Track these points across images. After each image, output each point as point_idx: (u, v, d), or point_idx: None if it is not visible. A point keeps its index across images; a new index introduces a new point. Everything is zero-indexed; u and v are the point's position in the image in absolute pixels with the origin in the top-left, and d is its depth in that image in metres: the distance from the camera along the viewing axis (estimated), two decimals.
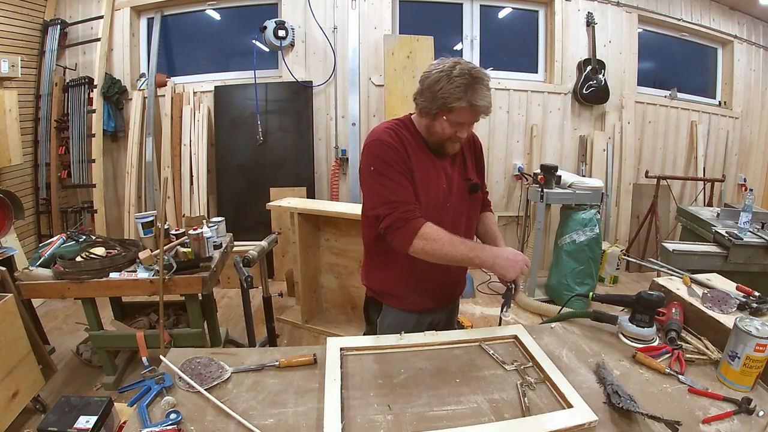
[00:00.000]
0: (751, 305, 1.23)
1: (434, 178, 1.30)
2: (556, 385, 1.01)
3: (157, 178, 3.88)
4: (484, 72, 1.18)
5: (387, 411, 0.94)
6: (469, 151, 1.43)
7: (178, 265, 2.02)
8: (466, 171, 1.39)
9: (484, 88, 1.17)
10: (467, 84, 1.14)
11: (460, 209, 1.37)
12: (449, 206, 1.33)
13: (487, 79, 1.18)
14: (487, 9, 4.13)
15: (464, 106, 1.16)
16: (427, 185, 1.28)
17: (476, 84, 1.15)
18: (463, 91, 1.14)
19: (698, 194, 4.40)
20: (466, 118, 1.20)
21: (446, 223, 1.30)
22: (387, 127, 1.29)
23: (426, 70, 1.23)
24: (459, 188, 1.36)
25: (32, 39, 3.70)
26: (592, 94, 4.04)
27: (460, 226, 1.37)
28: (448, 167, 1.34)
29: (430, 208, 1.29)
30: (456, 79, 1.14)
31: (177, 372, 1.03)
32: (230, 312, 3.26)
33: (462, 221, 1.38)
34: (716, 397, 0.99)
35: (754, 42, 4.60)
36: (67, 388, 2.31)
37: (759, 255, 2.42)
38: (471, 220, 1.42)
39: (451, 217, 1.34)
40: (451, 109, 1.17)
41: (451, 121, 1.20)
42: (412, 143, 1.28)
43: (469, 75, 1.14)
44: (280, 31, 3.67)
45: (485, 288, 3.79)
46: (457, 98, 1.14)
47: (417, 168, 1.27)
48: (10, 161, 3.24)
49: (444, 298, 1.47)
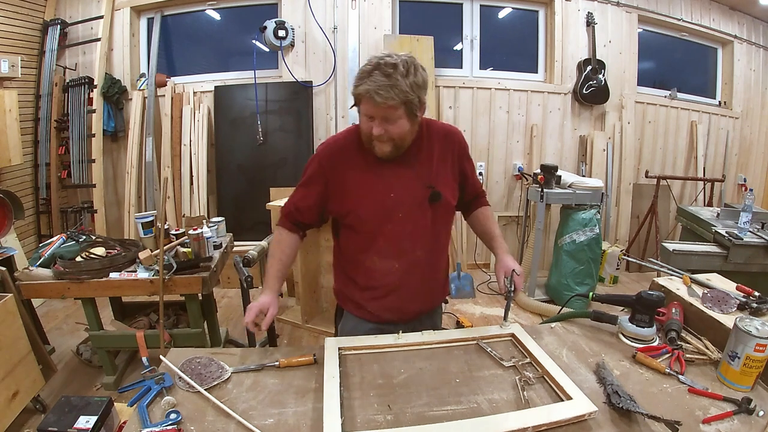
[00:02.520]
0: (751, 305, 1.23)
1: (378, 188, 1.22)
2: (554, 379, 1.01)
3: (157, 178, 3.88)
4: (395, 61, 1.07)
5: (387, 411, 0.94)
6: (443, 151, 1.29)
7: (178, 265, 2.02)
8: (432, 176, 1.26)
9: (381, 76, 1.06)
10: (368, 71, 1.08)
11: (419, 220, 1.25)
12: (402, 216, 1.23)
13: (386, 66, 1.07)
14: (487, 9, 4.12)
15: (360, 92, 1.09)
16: (364, 195, 1.23)
17: (375, 70, 1.07)
18: (361, 79, 1.09)
19: (698, 194, 4.40)
20: (366, 108, 1.12)
21: (403, 234, 1.24)
22: (331, 140, 1.31)
23: None
24: (416, 197, 1.24)
25: (32, 39, 3.69)
26: (592, 94, 4.04)
27: (422, 238, 1.27)
28: (406, 173, 1.23)
29: (372, 220, 1.23)
30: (363, 68, 1.10)
31: (177, 372, 1.03)
32: (230, 312, 3.25)
33: (423, 233, 1.27)
34: (716, 397, 0.99)
35: (754, 42, 4.60)
36: (67, 388, 2.31)
37: (759, 255, 2.42)
38: (438, 231, 1.31)
39: (409, 228, 1.24)
40: (356, 98, 1.12)
41: (362, 113, 1.15)
42: (353, 154, 1.24)
43: (373, 63, 1.08)
44: (280, 31, 3.67)
45: (485, 288, 3.79)
46: (355, 86, 1.10)
47: (353, 180, 1.23)
48: (10, 161, 3.24)
49: (403, 311, 1.33)
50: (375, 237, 1.25)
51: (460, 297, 3.59)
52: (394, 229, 1.24)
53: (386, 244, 1.25)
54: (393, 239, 1.25)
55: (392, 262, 1.27)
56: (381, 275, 1.28)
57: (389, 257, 1.27)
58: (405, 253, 1.27)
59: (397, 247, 1.26)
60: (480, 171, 4.13)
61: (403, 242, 1.26)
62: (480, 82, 4.04)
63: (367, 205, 1.23)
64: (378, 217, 1.24)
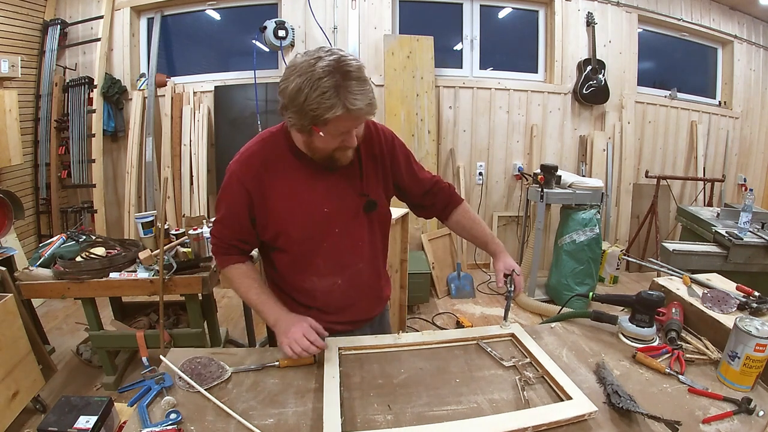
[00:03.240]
0: (751, 305, 1.23)
1: (311, 202, 1.10)
2: (554, 379, 1.01)
3: (157, 178, 3.88)
4: (357, 62, 0.92)
5: (387, 411, 0.94)
6: (370, 155, 1.16)
7: (178, 265, 2.02)
8: (363, 183, 1.15)
9: (361, 83, 0.91)
10: (337, 85, 0.89)
11: (357, 232, 1.17)
12: (339, 231, 1.13)
13: (361, 70, 0.92)
14: (487, 9, 4.12)
15: (340, 114, 0.91)
16: (297, 213, 1.10)
17: (348, 81, 0.90)
18: (334, 96, 0.89)
19: (698, 194, 4.40)
20: (347, 125, 0.96)
21: (343, 250, 1.15)
22: (250, 150, 1.11)
23: (283, 76, 0.96)
24: (353, 207, 1.14)
25: (32, 39, 3.69)
26: (592, 94, 4.04)
27: (361, 250, 1.19)
28: (338, 182, 1.12)
29: (307, 238, 1.12)
30: (322, 82, 0.88)
31: (177, 372, 1.03)
32: (230, 312, 3.26)
33: (362, 245, 1.18)
34: (716, 397, 0.99)
35: (754, 42, 4.60)
36: (67, 388, 2.31)
37: (759, 255, 2.42)
38: (375, 242, 1.22)
39: (348, 242, 1.15)
40: (326, 121, 0.92)
41: (331, 133, 0.97)
42: (280, 165, 1.09)
43: (336, 71, 0.89)
44: (280, 31, 3.67)
45: (485, 288, 3.79)
46: (329, 107, 0.90)
47: (282, 195, 1.09)
48: (10, 161, 3.24)
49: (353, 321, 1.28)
50: (311, 257, 1.15)
51: (460, 297, 3.59)
52: (331, 246, 1.14)
53: (325, 262, 1.16)
54: (331, 257, 1.15)
55: (334, 279, 1.18)
56: (323, 294, 1.20)
57: (329, 275, 1.18)
58: (346, 268, 1.19)
59: (337, 264, 1.17)
60: (480, 171, 4.14)
61: (342, 258, 1.17)
62: (480, 82, 4.04)
63: (299, 223, 1.11)
64: (313, 236, 1.12)
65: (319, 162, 1.09)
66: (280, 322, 1.12)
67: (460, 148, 4.09)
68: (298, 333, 1.06)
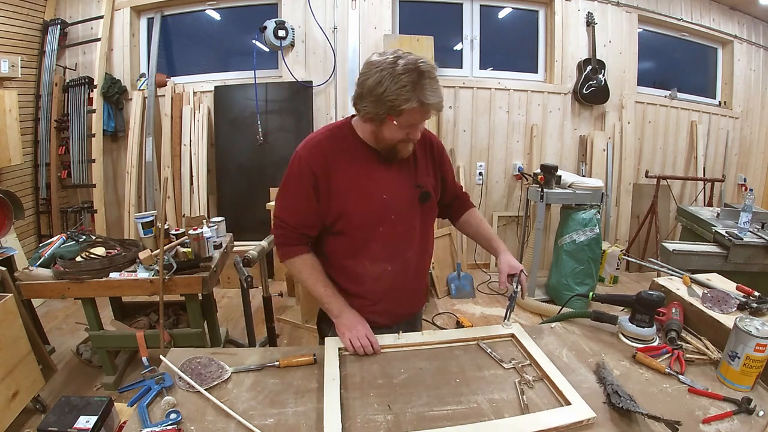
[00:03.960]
0: (751, 305, 1.23)
1: (372, 189, 1.19)
2: (553, 383, 1.01)
3: (157, 178, 3.88)
4: (431, 64, 1.07)
5: (387, 411, 0.95)
6: (424, 153, 1.29)
7: (178, 265, 2.02)
8: (417, 176, 1.26)
9: (434, 82, 1.05)
10: (414, 81, 1.02)
11: (411, 220, 1.26)
12: (395, 218, 1.22)
13: (434, 71, 1.07)
14: (487, 9, 4.12)
15: (415, 107, 1.04)
16: (360, 197, 1.18)
17: (424, 79, 1.03)
18: (411, 90, 1.02)
19: (698, 194, 4.40)
20: (418, 118, 1.09)
21: (397, 235, 1.23)
22: (317, 138, 1.21)
23: (363, 71, 1.09)
24: (408, 197, 1.24)
25: (32, 39, 3.69)
26: (592, 94, 4.04)
27: (413, 239, 1.27)
28: (396, 174, 1.23)
29: (367, 222, 1.20)
30: (401, 78, 1.02)
31: (177, 372, 1.03)
32: (230, 312, 3.26)
33: (414, 233, 1.27)
34: (716, 397, 0.99)
35: (754, 42, 4.60)
36: (67, 388, 2.31)
37: (759, 255, 2.42)
38: (426, 231, 1.32)
39: (402, 228, 1.24)
40: (401, 111, 1.05)
41: (402, 124, 1.08)
42: (345, 153, 1.18)
43: (414, 71, 1.03)
44: (280, 31, 3.67)
45: (485, 288, 3.79)
46: (406, 99, 1.02)
47: (346, 180, 1.17)
48: (10, 161, 3.24)
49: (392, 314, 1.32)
50: (367, 241, 1.22)
51: (460, 297, 3.59)
52: (386, 232, 1.21)
53: (379, 247, 1.23)
54: (386, 242, 1.22)
55: (384, 265, 1.25)
56: (372, 280, 1.26)
57: (381, 260, 1.24)
58: (397, 255, 1.25)
59: (390, 249, 1.24)
60: (480, 171, 4.14)
61: (396, 244, 1.24)
62: (480, 82, 4.04)
63: (360, 207, 1.18)
64: (371, 220, 1.20)
65: (382, 152, 1.19)
66: (344, 317, 1.20)
67: (460, 148, 4.09)
68: (361, 332, 1.17)
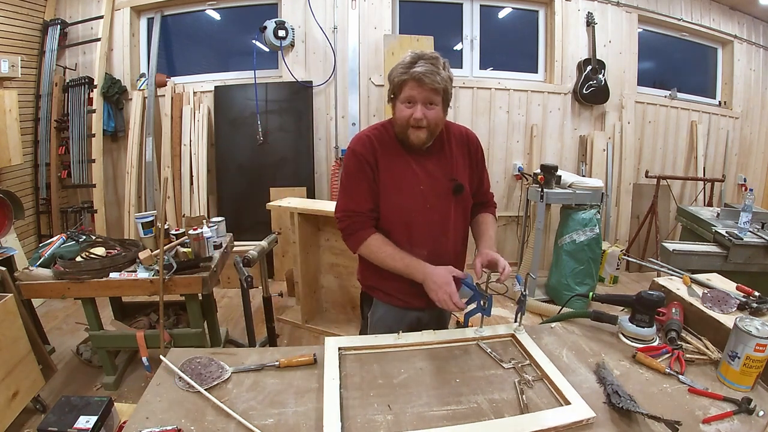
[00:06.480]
0: (751, 305, 1.23)
1: (410, 180, 1.31)
2: (553, 382, 1.01)
3: (157, 178, 3.88)
4: (435, 55, 1.23)
5: (387, 411, 0.94)
6: (461, 149, 1.40)
7: (178, 265, 2.02)
8: (453, 170, 1.36)
9: (428, 63, 1.20)
10: (411, 62, 1.21)
11: (445, 210, 1.35)
12: (430, 207, 1.32)
13: (429, 56, 1.22)
14: (487, 9, 4.12)
15: (405, 79, 1.21)
16: (400, 187, 1.31)
17: (418, 59, 1.21)
18: (406, 68, 1.21)
19: (698, 194, 4.40)
20: (413, 92, 1.22)
21: (432, 224, 1.33)
22: (364, 134, 1.34)
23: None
24: (443, 188, 1.34)
25: (32, 39, 3.69)
26: (592, 94, 4.04)
27: (447, 228, 1.36)
28: (432, 167, 1.34)
29: (405, 210, 1.31)
30: (404, 61, 1.23)
31: (177, 372, 1.03)
32: (230, 312, 3.25)
33: (448, 223, 1.36)
34: (716, 397, 0.99)
35: (754, 42, 4.60)
36: (67, 388, 2.31)
37: (759, 255, 2.42)
38: (458, 221, 1.40)
39: (437, 217, 1.34)
40: (401, 87, 1.23)
41: (401, 100, 1.25)
42: (388, 147, 1.32)
43: (415, 56, 1.22)
44: (280, 31, 3.67)
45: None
46: (400, 74, 1.22)
47: (389, 172, 1.31)
48: (10, 161, 3.24)
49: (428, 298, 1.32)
50: (407, 227, 1.32)
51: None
52: (423, 219, 1.32)
53: (417, 233, 1.32)
54: (423, 228, 1.33)
55: (421, 250, 1.32)
56: None
57: (418, 246, 1.32)
58: (433, 241, 1.34)
59: (426, 235, 1.33)
60: None
61: (431, 232, 1.34)
62: (480, 82, 4.04)
63: (402, 195, 1.31)
64: (410, 207, 1.31)
65: (403, 141, 1.30)
66: (429, 278, 1.24)
67: None
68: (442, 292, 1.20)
